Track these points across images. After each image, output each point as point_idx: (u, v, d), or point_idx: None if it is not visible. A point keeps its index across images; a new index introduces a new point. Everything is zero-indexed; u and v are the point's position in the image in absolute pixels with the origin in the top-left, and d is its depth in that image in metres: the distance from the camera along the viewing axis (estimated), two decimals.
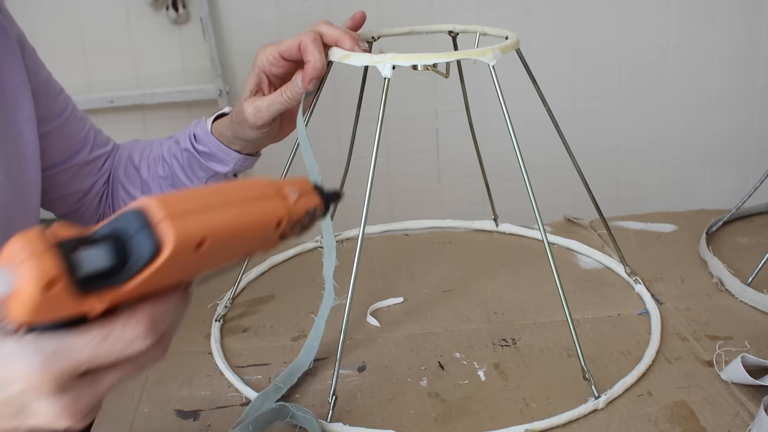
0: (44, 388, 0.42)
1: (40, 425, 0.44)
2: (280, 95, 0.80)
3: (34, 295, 0.38)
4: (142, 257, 0.41)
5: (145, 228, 0.41)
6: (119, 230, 0.42)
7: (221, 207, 0.44)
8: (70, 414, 0.43)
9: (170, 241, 0.41)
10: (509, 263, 1.00)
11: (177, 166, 0.92)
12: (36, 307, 0.39)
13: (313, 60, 0.76)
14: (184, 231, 0.41)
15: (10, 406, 0.43)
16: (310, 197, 0.49)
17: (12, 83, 0.80)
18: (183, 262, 0.42)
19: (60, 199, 0.95)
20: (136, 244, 0.41)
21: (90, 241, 0.41)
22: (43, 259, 0.39)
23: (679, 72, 1.98)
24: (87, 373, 0.44)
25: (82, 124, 0.94)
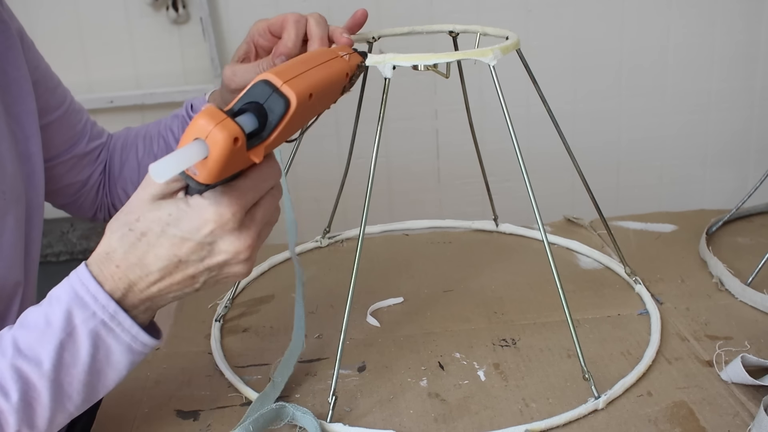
0: (229, 224, 0.57)
1: (223, 261, 0.58)
2: (257, 65, 0.82)
3: (226, 149, 0.52)
4: (278, 113, 0.57)
5: (275, 91, 0.57)
6: (254, 98, 0.57)
7: (313, 69, 0.61)
8: (245, 247, 0.58)
9: (294, 97, 0.57)
10: (509, 263, 1.00)
11: (172, 139, 0.95)
12: (225, 163, 0.52)
13: (286, 38, 0.78)
14: (300, 89, 0.58)
15: (201, 248, 0.58)
16: (354, 56, 0.69)
17: (12, 77, 0.81)
18: (299, 115, 0.58)
19: (59, 190, 0.96)
20: (270, 104, 0.57)
21: (236, 112, 0.55)
22: (228, 122, 0.52)
23: (678, 72, 1.98)
24: (249, 210, 0.58)
25: (80, 116, 0.95)
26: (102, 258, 0.60)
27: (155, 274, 0.59)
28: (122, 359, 0.61)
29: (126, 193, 1.00)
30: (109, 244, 0.59)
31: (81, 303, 0.59)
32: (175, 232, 0.57)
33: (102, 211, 1.03)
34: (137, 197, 0.59)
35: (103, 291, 0.59)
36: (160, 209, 0.58)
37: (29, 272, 0.80)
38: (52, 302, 0.60)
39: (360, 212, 0.73)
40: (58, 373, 0.59)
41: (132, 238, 0.58)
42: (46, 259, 1.89)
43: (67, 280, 0.60)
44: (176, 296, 0.61)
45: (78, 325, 0.59)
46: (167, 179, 0.50)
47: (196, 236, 0.57)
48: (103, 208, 1.02)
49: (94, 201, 1.01)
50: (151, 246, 0.58)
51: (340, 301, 0.92)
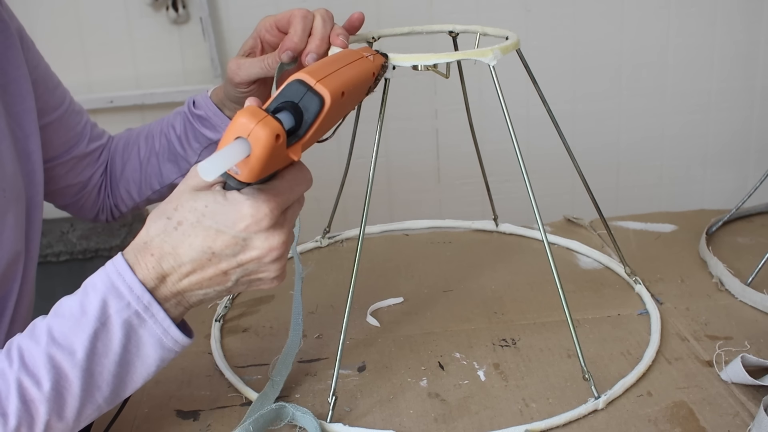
0: (264, 222, 0.58)
1: (256, 258, 0.59)
2: (262, 60, 0.82)
3: (269, 146, 0.53)
4: (314, 111, 0.59)
5: (309, 90, 0.59)
6: (289, 98, 0.59)
7: (343, 69, 0.63)
8: (277, 245, 0.59)
9: (328, 95, 0.59)
10: (509, 263, 1.00)
11: (173, 136, 0.95)
12: (267, 160, 0.54)
13: (292, 33, 0.78)
14: (333, 87, 0.59)
15: (235, 243, 0.58)
16: (378, 57, 0.71)
17: (12, 77, 0.81)
18: (332, 112, 0.60)
19: (59, 191, 0.96)
20: (305, 103, 0.59)
21: (273, 111, 0.57)
22: (269, 120, 0.54)
23: (678, 72, 1.98)
24: (283, 211, 0.60)
25: (80, 117, 0.95)
26: (140, 247, 0.60)
27: (187, 266, 0.59)
28: (152, 353, 0.61)
29: (129, 194, 1.00)
30: (147, 233, 0.60)
31: (116, 293, 0.59)
32: (210, 223, 0.58)
33: (104, 212, 1.03)
34: (178, 189, 0.60)
35: (138, 281, 0.59)
36: (197, 200, 0.59)
37: (28, 270, 0.80)
38: (87, 291, 0.60)
39: (360, 212, 0.73)
40: (90, 363, 0.59)
41: (169, 226, 0.59)
42: (46, 259, 1.89)
43: (104, 269, 0.60)
44: (207, 294, 0.61)
45: (112, 315, 0.59)
46: (215, 178, 0.52)
47: (231, 230, 0.58)
48: (105, 209, 1.02)
49: (96, 202, 1.01)
50: (186, 235, 0.59)
51: (340, 301, 0.92)
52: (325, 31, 0.78)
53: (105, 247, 1.91)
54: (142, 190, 0.99)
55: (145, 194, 1.00)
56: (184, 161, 0.95)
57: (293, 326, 0.77)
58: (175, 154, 0.95)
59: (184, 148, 0.94)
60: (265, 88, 0.87)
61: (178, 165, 0.96)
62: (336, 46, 0.78)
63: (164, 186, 0.98)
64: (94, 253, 1.91)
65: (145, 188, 0.99)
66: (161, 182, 0.98)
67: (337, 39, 0.78)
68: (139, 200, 1.01)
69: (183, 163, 0.95)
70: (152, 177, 0.98)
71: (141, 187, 0.99)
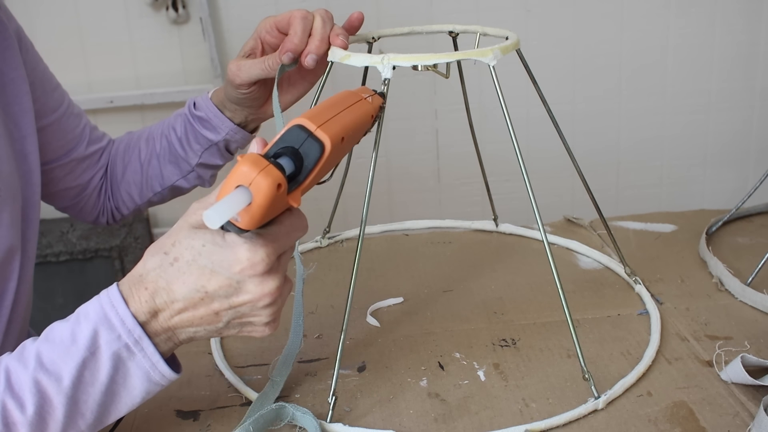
0: (259, 267, 0.57)
1: (248, 302, 0.59)
2: (262, 62, 0.82)
3: (270, 195, 0.54)
4: (314, 157, 0.59)
5: (310, 136, 0.59)
6: (289, 143, 0.59)
7: (343, 113, 0.63)
8: (270, 291, 0.59)
9: (328, 141, 0.59)
10: (509, 263, 1.00)
11: (174, 137, 0.95)
12: (268, 209, 0.54)
13: (292, 34, 0.78)
14: (333, 133, 0.60)
15: (229, 285, 0.58)
16: (376, 98, 0.71)
17: (9, 77, 0.81)
18: (332, 157, 0.61)
19: (59, 193, 0.96)
20: (306, 149, 0.59)
21: (273, 156, 0.58)
22: (271, 169, 0.54)
23: (679, 72, 1.98)
24: (278, 257, 0.59)
25: (78, 120, 0.95)
26: (135, 279, 0.60)
27: (180, 303, 0.59)
28: (138, 385, 0.61)
29: (130, 196, 1.00)
30: (144, 266, 0.60)
31: (108, 324, 0.59)
32: (206, 263, 0.58)
33: (104, 215, 1.03)
34: (178, 224, 0.60)
35: (130, 315, 0.59)
36: (195, 238, 0.58)
37: (25, 270, 0.80)
38: (80, 319, 0.60)
39: (360, 212, 0.73)
40: (76, 390, 0.59)
41: (165, 261, 0.59)
42: (45, 259, 1.90)
43: (98, 299, 0.60)
44: (197, 332, 0.61)
45: (102, 346, 0.59)
46: (219, 226, 0.53)
47: (226, 272, 0.58)
48: (106, 211, 1.02)
49: (96, 205, 1.01)
50: (181, 272, 0.58)
51: (340, 301, 0.92)
52: (324, 32, 0.78)
53: (105, 247, 1.91)
54: (143, 192, 1.00)
55: (146, 196, 1.00)
56: (184, 163, 0.95)
57: (294, 327, 0.77)
58: (176, 155, 0.95)
59: (184, 150, 0.94)
60: (266, 89, 0.87)
61: (179, 166, 0.96)
62: (336, 46, 0.78)
63: (165, 188, 0.98)
64: (94, 253, 1.91)
65: (146, 190, 0.99)
66: (162, 184, 0.98)
67: (336, 39, 0.78)
68: (141, 202, 1.01)
69: (184, 164, 0.95)
70: (153, 179, 0.98)
71: (142, 189, 0.99)
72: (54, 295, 1.93)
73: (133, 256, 1.91)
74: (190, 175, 0.97)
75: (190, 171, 0.96)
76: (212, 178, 0.99)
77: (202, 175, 0.97)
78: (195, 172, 0.96)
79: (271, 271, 0.59)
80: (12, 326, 0.79)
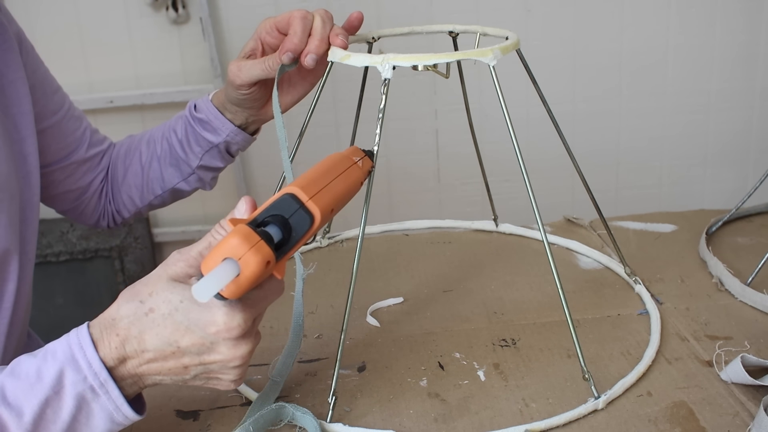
0: (235, 331, 0.57)
1: (218, 362, 0.59)
2: (263, 62, 0.82)
3: (259, 273, 0.54)
4: (303, 228, 0.60)
5: (301, 207, 0.60)
6: (279, 211, 0.59)
7: (334, 182, 0.64)
8: (241, 356, 0.59)
9: (318, 214, 0.60)
10: (509, 263, 1.00)
11: (175, 140, 0.95)
12: (253, 283, 0.55)
13: (292, 34, 0.78)
14: (323, 205, 0.61)
15: (202, 344, 0.58)
16: (366, 160, 0.71)
17: (9, 79, 0.81)
18: (320, 227, 0.61)
19: (59, 196, 0.96)
20: (295, 220, 0.59)
21: (261, 223, 0.58)
22: (261, 246, 0.55)
23: (679, 72, 1.98)
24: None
25: (78, 123, 0.95)
26: (107, 323, 0.60)
27: (150, 353, 0.59)
28: (101, 425, 0.60)
29: (131, 199, 1.00)
30: (118, 311, 0.60)
31: (75, 365, 0.59)
32: (182, 319, 0.58)
33: (105, 218, 1.02)
34: (156, 273, 0.60)
35: (98, 359, 0.59)
36: (173, 291, 0.58)
37: (24, 270, 0.80)
38: (47, 357, 0.59)
39: (360, 212, 0.73)
40: (37, 427, 0.58)
41: (140, 310, 0.59)
42: (46, 259, 1.90)
43: (66, 338, 0.60)
44: (163, 380, 0.61)
45: (67, 386, 0.58)
46: (208, 299, 0.54)
47: (201, 331, 0.58)
48: (107, 215, 1.02)
49: (96, 208, 1.01)
50: (155, 324, 0.58)
51: (340, 301, 0.92)
52: (324, 32, 0.78)
53: (105, 247, 1.91)
54: (144, 195, 0.99)
55: (147, 199, 1.00)
56: (185, 165, 0.95)
57: (294, 327, 0.77)
58: (177, 158, 0.95)
59: (185, 152, 0.94)
60: (266, 90, 0.87)
61: (180, 169, 0.96)
62: (335, 46, 0.78)
63: (166, 190, 0.98)
64: (94, 253, 1.91)
65: (147, 193, 0.99)
66: (163, 187, 0.98)
67: (336, 39, 0.78)
68: (142, 205, 1.01)
69: (184, 166, 0.95)
70: (154, 182, 0.98)
71: (143, 192, 0.99)
72: (54, 295, 1.93)
73: (133, 256, 1.91)
74: (190, 178, 0.96)
75: (191, 173, 0.96)
76: (213, 180, 0.99)
77: (203, 178, 0.97)
78: (196, 175, 0.96)
79: (245, 335, 0.59)
80: (13, 328, 0.79)
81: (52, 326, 1.90)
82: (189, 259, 0.60)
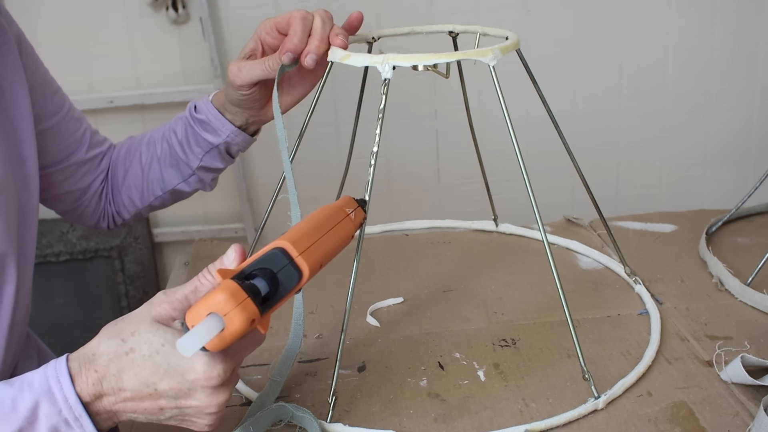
0: (213, 381, 0.58)
1: (194, 407, 0.59)
2: (263, 62, 0.81)
3: (242, 330, 0.55)
4: (291, 283, 0.60)
5: (290, 263, 0.60)
6: (268, 265, 0.59)
7: (326, 237, 0.64)
8: (217, 404, 0.59)
9: (307, 270, 0.60)
10: (509, 263, 1.00)
11: (175, 141, 0.94)
12: (237, 338, 0.55)
13: (292, 34, 0.78)
14: (313, 261, 0.61)
15: (179, 389, 0.58)
16: (359, 211, 0.70)
17: (8, 81, 0.81)
18: (306, 282, 0.61)
19: (58, 197, 0.96)
20: (283, 275, 0.59)
21: (249, 275, 0.58)
22: (248, 304, 0.55)
23: (679, 72, 1.98)
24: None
25: (78, 124, 0.95)
26: (86, 358, 0.60)
27: (127, 392, 0.59)
28: None
29: (131, 200, 1.00)
30: (98, 347, 0.60)
31: (51, 398, 0.59)
32: (162, 363, 0.58)
33: (105, 219, 1.02)
34: (140, 312, 0.60)
35: (74, 394, 0.59)
36: (156, 334, 0.58)
37: (24, 273, 0.80)
38: (23, 387, 0.59)
39: None
40: None
41: (121, 349, 0.59)
42: (46, 259, 1.89)
43: (44, 369, 0.60)
44: (138, 418, 0.62)
45: (41, 417, 0.59)
46: (193, 354, 0.54)
47: (179, 377, 0.58)
48: (107, 216, 1.02)
49: (96, 209, 1.00)
50: (135, 364, 0.58)
51: (340, 301, 0.92)
52: (324, 32, 0.78)
53: (105, 247, 1.91)
54: (144, 196, 0.99)
55: (147, 200, 1.00)
56: (185, 166, 0.95)
57: (294, 327, 0.77)
58: (177, 159, 0.95)
59: (185, 153, 0.94)
60: (266, 90, 0.87)
61: (180, 170, 0.96)
62: (335, 46, 0.78)
63: (166, 191, 0.98)
64: (94, 253, 1.91)
65: (148, 194, 0.99)
66: (163, 188, 0.98)
67: (336, 39, 0.78)
68: (142, 206, 1.01)
69: (185, 167, 0.95)
70: (154, 183, 0.98)
71: (143, 193, 0.99)
72: (54, 295, 1.93)
73: (133, 256, 1.91)
74: (191, 179, 0.96)
75: (191, 174, 0.96)
76: (213, 181, 0.99)
77: (203, 179, 0.97)
78: (196, 176, 0.96)
79: (224, 384, 0.59)
80: (13, 330, 0.79)
81: (52, 326, 1.90)
82: (174, 301, 0.60)
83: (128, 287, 1.91)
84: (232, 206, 1.97)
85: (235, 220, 1.97)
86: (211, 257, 1.06)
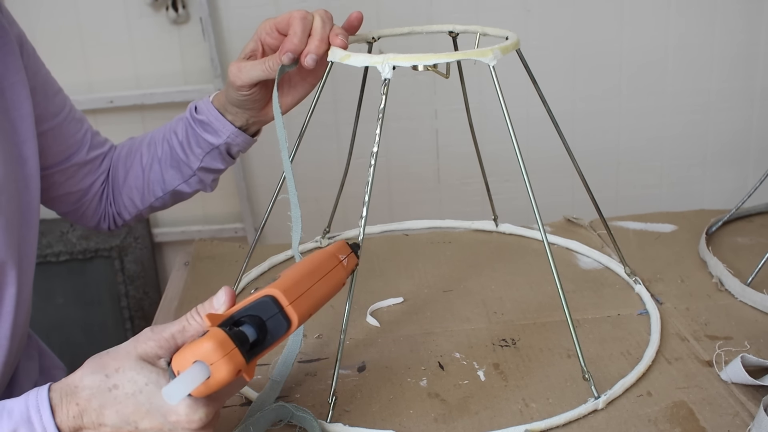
0: (195, 424, 0.58)
1: None
2: (263, 62, 0.81)
3: (228, 380, 0.55)
4: (280, 332, 0.60)
5: (279, 312, 0.60)
6: (257, 313, 0.59)
7: (317, 286, 0.64)
8: None
9: (296, 319, 0.61)
10: (509, 263, 1.00)
11: (176, 141, 0.94)
12: (222, 386, 0.56)
13: (292, 34, 0.78)
14: (302, 311, 0.61)
15: (160, 428, 0.58)
16: (351, 257, 0.70)
17: (9, 82, 0.81)
18: (294, 331, 0.61)
19: (59, 198, 0.96)
20: (272, 324, 0.60)
21: (237, 321, 0.59)
22: (234, 355, 0.55)
23: (679, 72, 1.98)
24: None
25: (79, 125, 0.95)
26: (68, 390, 0.60)
27: (107, 428, 0.59)
28: None
29: (132, 201, 1.00)
30: (81, 380, 0.60)
31: (30, 427, 0.59)
32: (144, 402, 0.58)
33: (106, 220, 1.02)
34: (126, 348, 0.60)
35: (53, 425, 0.59)
36: (141, 373, 0.58)
37: (24, 273, 0.80)
38: (2, 414, 0.60)
39: (360, 212, 0.73)
40: None
41: (104, 385, 0.59)
42: (46, 259, 1.89)
43: (26, 398, 0.60)
44: None
45: None
46: (178, 402, 0.55)
47: (161, 418, 0.58)
48: (108, 217, 1.02)
49: (97, 210, 1.00)
50: (117, 401, 0.58)
51: (340, 301, 0.92)
52: (324, 32, 0.78)
53: (105, 247, 1.91)
54: (144, 197, 0.99)
55: (148, 201, 1.00)
56: (186, 167, 0.95)
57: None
58: (178, 160, 0.95)
59: (186, 154, 0.94)
60: (267, 91, 0.87)
61: (181, 171, 0.96)
62: (335, 46, 0.78)
63: (167, 192, 0.98)
64: (94, 253, 1.91)
65: (148, 195, 0.99)
66: (164, 189, 0.98)
67: (336, 39, 0.78)
68: (142, 207, 1.01)
69: (185, 168, 0.95)
70: (155, 184, 0.98)
71: (144, 194, 0.99)
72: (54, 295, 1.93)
73: (133, 256, 1.91)
74: (191, 180, 0.96)
75: (192, 175, 0.96)
76: (214, 182, 0.99)
77: (204, 179, 0.97)
78: (196, 177, 0.96)
79: (205, 427, 0.59)
80: (15, 331, 0.79)
81: (52, 326, 1.90)
82: (161, 340, 0.60)
83: (128, 287, 1.91)
84: (232, 206, 1.97)
85: (235, 220, 1.97)
86: (211, 257, 1.07)
